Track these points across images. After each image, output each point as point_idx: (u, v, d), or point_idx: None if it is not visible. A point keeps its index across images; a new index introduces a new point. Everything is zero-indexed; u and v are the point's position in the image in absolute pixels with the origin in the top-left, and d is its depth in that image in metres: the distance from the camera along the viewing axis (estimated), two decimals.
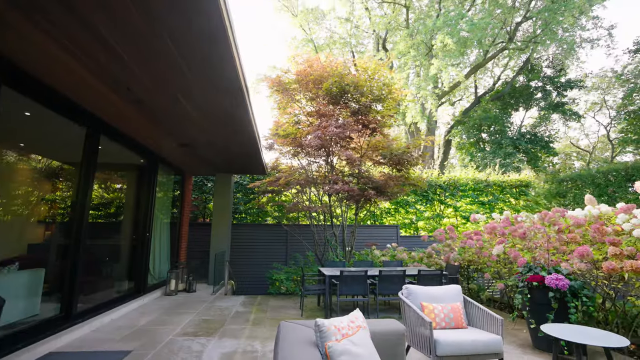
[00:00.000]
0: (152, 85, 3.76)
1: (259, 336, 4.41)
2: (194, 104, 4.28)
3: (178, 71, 3.41)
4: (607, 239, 4.12)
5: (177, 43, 2.91)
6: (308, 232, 9.23)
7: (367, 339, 2.01)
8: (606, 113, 27.89)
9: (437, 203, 12.32)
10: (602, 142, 29.98)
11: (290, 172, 8.50)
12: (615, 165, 17.50)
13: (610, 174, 16.61)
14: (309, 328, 2.36)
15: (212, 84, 3.73)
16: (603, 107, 27.84)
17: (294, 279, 7.86)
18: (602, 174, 16.76)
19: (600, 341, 2.76)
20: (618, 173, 16.36)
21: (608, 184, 16.52)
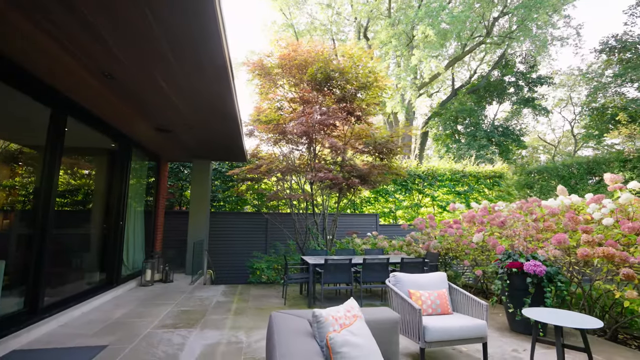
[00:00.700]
0: (128, 62, 3.45)
1: (242, 326, 4.30)
2: (174, 84, 4.00)
3: (157, 45, 3.13)
4: (580, 227, 4.33)
5: (156, 14, 2.65)
6: (289, 221, 9.13)
7: (365, 328, 1.97)
8: (571, 109, 29.47)
9: (415, 192, 12.57)
10: (567, 136, 31.70)
11: (272, 159, 8.32)
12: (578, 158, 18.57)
13: (573, 167, 17.63)
14: (302, 319, 2.28)
15: (195, 62, 3.48)
16: (569, 103, 29.36)
17: (275, 268, 7.77)
18: (566, 167, 17.76)
19: (577, 323, 2.89)
20: (580, 166, 17.38)
21: (571, 176, 17.55)
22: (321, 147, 7.72)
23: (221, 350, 3.47)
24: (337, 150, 6.64)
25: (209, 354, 3.36)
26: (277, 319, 2.22)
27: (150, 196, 7.82)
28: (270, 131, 7.73)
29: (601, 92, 17.91)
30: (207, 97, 4.43)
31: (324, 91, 7.06)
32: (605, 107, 17.70)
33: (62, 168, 4.40)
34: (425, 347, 2.96)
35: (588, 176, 17.03)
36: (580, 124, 28.30)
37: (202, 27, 2.83)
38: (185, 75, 3.77)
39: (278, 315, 2.30)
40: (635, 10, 16.85)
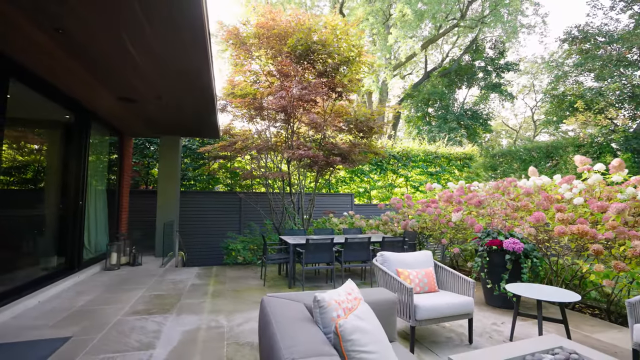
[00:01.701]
0: (88, 15, 2.94)
1: (222, 310, 4.10)
2: (142, 46, 3.51)
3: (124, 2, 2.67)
4: (555, 206, 4.51)
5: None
6: (264, 200, 8.87)
7: (370, 311, 1.85)
8: (533, 96, 31.02)
9: (390, 173, 12.70)
10: (527, 122, 33.49)
11: (246, 136, 7.91)
12: (538, 143, 19.69)
13: (533, 151, 18.71)
14: (298, 303, 2.12)
15: (169, 21, 3.03)
16: (531, 91, 30.84)
17: (251, 249, 7.55)
18: (527, 151, 18.80)
19: (558, 297, 3.00)
20: (540, 150, 18.47)
21: (532, 159, 18.63)
22: (299, 124, 7.42)
23: (202, 336, 3.27)
24: (318, 126, 6.39)
25: (189, 341, 3.15)
26: (271, 304, 2.04)
27: (113, 174, 7.18)
28: (246, 106, 7.28)
29: (562, 80, 18.84)
30: (181, 64, 3.97)
31: (304, 65, 6.70)
32: (565, 95, 18.71)
33: (5, 142, 3.81)
34: (415, 325, 2.94)
35: (546, 159, 18.18)
36: (540, 110, 29.96)
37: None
38: (156, 36, 3.31)
39: (272, 300, 2.12)
40: (597, 3, 17.64)
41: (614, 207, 3.98)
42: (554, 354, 2.38)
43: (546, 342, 2.53)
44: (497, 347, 2.41)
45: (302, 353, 1.39)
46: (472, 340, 3.20)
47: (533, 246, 4.26)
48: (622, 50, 16.47)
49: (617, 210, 3.95)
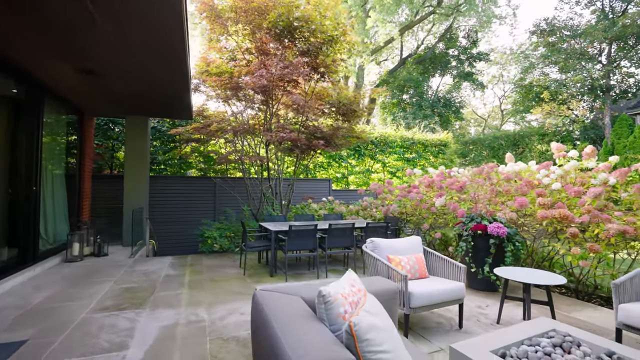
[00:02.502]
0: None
1: (202, 302, 3.84)
2: (105, 8, 3.02)
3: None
4: (536, 191, 4.60)
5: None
6: (240, 186, 8.52)
7: (379, 305, 1.70)
8: (501, 86, 32.19)
9: (367, 158, 12.68)
10: (495, 111, 34.82)
11: (222, 118, 7.44)
12: (506, 132, 20.56)
13: (502, 139, 19.49)
14: (295, 296, 1.93)
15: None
16: (500, 81, 31.95)
17: (228, 236, 7.24)
18: (496, 139, 19.55)
19: (545, 280, 3.05)
20: (508, 138, 19.28)
21: (500, 147, 19.42)
22: (279, 105, 7.06)
23: (181, 332, 3.01)
24: (300, 108, 6.09)
25: (167, 338, 2.88)
26: (265, 299, 1.84)
27: (73, 157, 6.50)
28: (221, 86, 6.80)
29: (530, 71, 19.58)
30: (151, 32, 3.52)
31: (284, 42, 6.30)
32: (532, 86, 19.52)
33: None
34: (410, 312, 2.87)
35: (513, 147, 19.04)
36: (507, 100, 31.22)
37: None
38: (128, 5, 2.85)
39: (265, 295, 1.91)
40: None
41: (592, 191, 4.11)
42: (550, 337, 2.39)
43: (539, 325, 2.54)
44: (494, 333, 2.37)
45: (314, 358, 1.20)
46: (462, 325, 3.20)
47: (515, 230, 4.34)
48: (584, 45, 17.32)
49: (594, 194, 4.08)
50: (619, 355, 2.07)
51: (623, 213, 4.26)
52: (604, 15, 16.78)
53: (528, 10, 42.88)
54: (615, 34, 15.40)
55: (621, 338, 2.71)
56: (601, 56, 16.81)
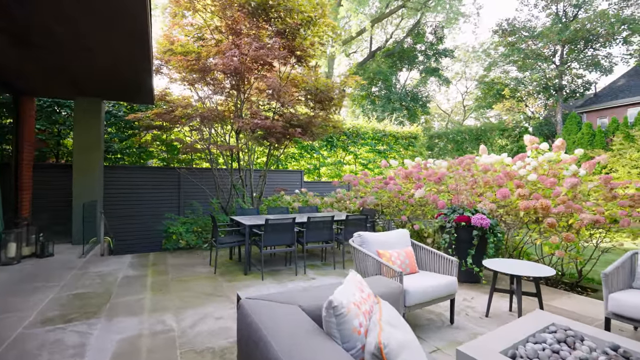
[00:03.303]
0: None
1: (168, 307, 3.39)
2: None
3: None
4: (515, 182, 4.64)
5: None
6: (208, 177, 7.93)
7: (397, 313, 1.44)
8: (464, 83, 33.54)
9: (339, 149, 12.52)
10: (457, 107, 36.28)
11: (187, 104, 6.80)
12: (469, 127, 21.44)
13: (465, 133, 20.31)
14: (291, 306, 1.62)
15: None
16: (462, 77, 33.25)
17: (195, 231, 6.70)
18: (460, 133, 20.34)
19: (534, 272, 3.00)
20: (471, 132, 20.11)
21: (463, 141, 20.23)
22: (252, 91, 6.57)
23: (145, 345, 2.58)
24: (276, 93, 5.66)
25: (128, 353, 2.45)
26: (256, 311, 1.51)
27: (7, 144, 5.58)
28: (186, 68, 6.17)
29: (492, 68, 20.45)
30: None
31: (258, 22, 5.81)
32: (494, 83, 20.44)
33: None
34: (405, 312, 2.68)
35: (476, 141, 19.90)
36: (469, 96, 32.65)
37: None
38: None
39: (255, 306, 1.58)
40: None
41: (569, 181, 4.20)
42: (551, 331, 2.31)
43: (537, 319, 2.46)
44: (497, 332, 2.25)
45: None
46: (454, 320, 3.08)
47: (496, 221, 4.34)
48: (541, 46, 18.38)
49: (571, 185, 4.17)
50: (624, 349, 2.02)
51: (593, 203, 4.42)
52: (558, 18, 17.87)
53: (490, 11, 45.09)
54: (568, 37, 16.47)
55: (610, 327, 2.73)
56: (555, 57, 17.94)
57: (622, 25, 15.40)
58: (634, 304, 2.54)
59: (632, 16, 15.77)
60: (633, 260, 3.01)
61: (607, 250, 4.55)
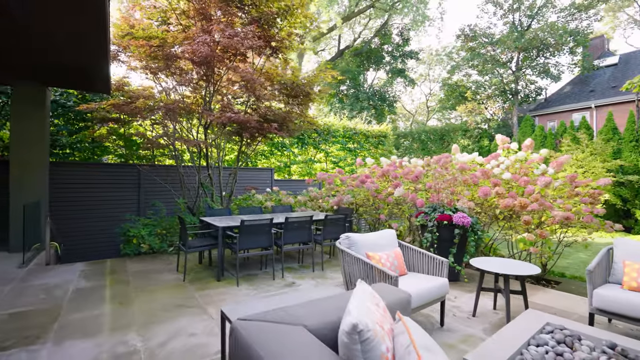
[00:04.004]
0: None
1: (132, 323, 2.97)
2: None
3: None
4: (492, 181, 4.72)
5: None
6: (173, 175, 7.35)
7: (426, 333, 1.25)
8: (428, 85, 34.84)
9: (310, 147, 12.32)
10: (421, 108, 37.61)
11: (148, 95, 6.20)
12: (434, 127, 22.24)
13: (430, 133, 21.04)
14: (293, 327, 1.37)
15: None
16: (426, 79, 34.51)
17: (160, 234, 6.14)
18: (425, 133, 21.03)
19: (520, 271, 3.01)
20: (436, 133, 20.87)
21: (429, 140, 20.94)
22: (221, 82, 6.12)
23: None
24: (250, 86, 5.29)
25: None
26: (254, 336, 1.25)
27: None
28: (149, 55, 5.60)
29: (456, 71, 21.33)
30: None
31: (231, 8, 5.39)
32: (458, 85, 21.34)
33: None
34: None
35: (440, 141, 20.69)
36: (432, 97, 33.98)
37: None
38: None
39: (251, 329, 1.32)
40: (485, 7, 20.26)
41: (543, 180, 4.33)
42: (548, 332, 2.28)
43: (531, 320, 2.44)
44: (497, 337, 2.19)
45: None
46: (444, 322, 3.00)
47: (476, 219, 4.37)
48: (499, 52, 19.47)
49: (545, 183, 4.31)
50: (622, 347, 2.02)
51: (563, 201, 4.62)
52: (514, 27, 19.03)
53: (453, 16, 47.42)
54: (523, 45, 17.60)
55: (593, 322, 2.79)
56: (511, 63, 19.10)
57: (569, 37, 16.75)
58: (617, 299, 2.61)
59: (576, 29, 17.21)
60: (609, 255, 3.13)
61: (568, 245, 4.80)
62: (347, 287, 3.04)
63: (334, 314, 1.47)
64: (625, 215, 11.61)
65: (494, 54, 19.34)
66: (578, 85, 18.52)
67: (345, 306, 1.54)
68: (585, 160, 10.97)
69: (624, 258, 2.97)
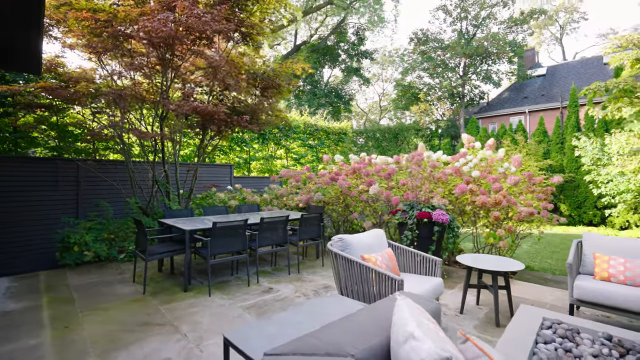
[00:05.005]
0: None
1: (86, 353, 2.43)
2: None
3: None
4: (465, 179, 4.87)
5: None
6: (120, 172, 6.49)
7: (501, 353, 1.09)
8: (381, 85, 36.02)
9: (271, 143, 11.92)
10: (374, 107, 38.79)
11: (89, 78, 5.34)
12: (388, 126, 23.02)
13: (385, 131, 21.74)
14: (343, 358, 1.13)
15: None
16: (379, 79, 35.65)
17: (107, 239, 5.35)
18: (380, 131, 21.67)
19: (506, 267, 3.08)
20: (390, 132, 21.60)
21: (383, 139, 21.59)
22: (182, 68, 5.48)
23: None
24: (220, 74, 4.77)
25: None
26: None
27: None
28: (92, 32, 4.79)
29: (410, 73, 22.25)
30: None
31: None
32: (411, 87, 22.28)
33: None
34: None
35: (394, 140, 21.46)
36: (385, 97, 35.21)
37: None
38: None
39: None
40: (436, 13, 21.39)
41: (512, 178, 4.56)
42: (547, 327, 2.32)
43: (528, 316, 2.47)
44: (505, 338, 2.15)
45: None
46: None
47: (453, 217, 4.46)
48: (448, 57, 20.72)
49: (514, 182, 4.54)
50: (619, 338, 2.11)
51: (525, 197, 4.93)
52: (461, 35, 20.40)
53: (406, 19, 49.94)
54: (469, 52, 18.94)
55: (573, 312, 2.95)
56: (459, 68, 20.45)
57: (508, 47, 18.41)
58: (596, 290, 2.77)
59: (514, 41, 18.99)
60: (579, 248, 3.35)
61: (522, 238, 5.16)
62: (342, 292, 2.84)
63: (377, 335, 1.26)
64: (553, 209, 13.11)
65: (443, 58, 20.54)
66: (514, 91, 20.49)
67: (385, 324, 1.33)
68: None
69: (593, 250, 3.19)
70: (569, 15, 31.03)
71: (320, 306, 2.00)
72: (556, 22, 31.79)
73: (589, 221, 11.45)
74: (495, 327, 2.97)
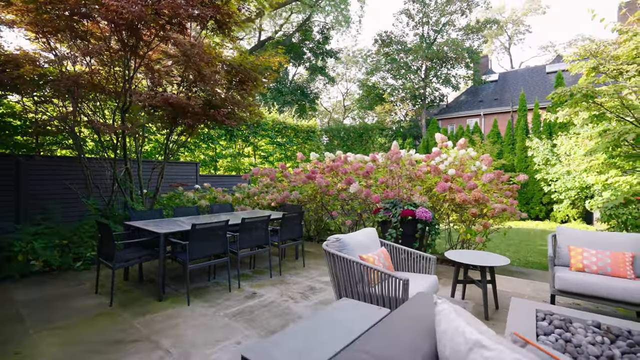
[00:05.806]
0: None
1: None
2: None
3: None
4: (443, 177, 4.99)
5: None
6: (73, 169, 5.81)
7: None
8: (345, 84, 36.45)
9: (239, 140, 11.49)
10: (338, 106, 39.18)
11: (33, 61, 4.67)
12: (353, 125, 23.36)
13: (351, 130, 22.02)
14: None
15: None
16: (343, 79, 36.08)
17: (60, 245, 4.72)
18: (345, 130, 21.92)
19: (493, 262, 3.18)
20: (356, 131, 21.94)
21: (348, 137, 21.87)
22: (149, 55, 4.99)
23: None
24: (192, 62, 4.39)
25: None
26: None
27: None
28: (39, 8, 4.18)
29: (374, 73, 22.73)
30: None
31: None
32: (375, 87, 22.79)
33: None
34: None
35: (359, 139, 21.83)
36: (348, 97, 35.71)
37: None
38: None
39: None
40: (399, 17, 22.06)
41: (487, 176, 4.77)
42: (541, 319, 2.40)
43: (523, 309, 2.54)
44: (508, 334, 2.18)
45: None
46: None
47: (433, 214, 4.55)
48: (411, 59, 21.50)
49: (489, 179, 4.75)
50: (608, 325, 2.23)
51: (497, 195, 5.19)
52: (423, 39, 21.26)
53: (371, 20, 51.00)
54: (430, 56, 19.81)
55: (554, 301, 3.12)
56: (421, 71, 21.31)
57: (465, 53, 19.54)
58: (576, 280, 2.95)
59: (471, 47, 20.20)
60: (553, 241, 3.56)
61: (491, 232, 5.44)
62: (339, 294, 2.73)
63: (424, 344, 1.16)
64: None
65: (406, 60, 21.26)
66: (471, 95, 21.82)
67: (428, 330, 1.24)
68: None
69: (567, 243, 3.41)
70: (516, 27, 33.81)
71: (335, 313, 1.87)
72: (505, 33, 34.48)
73: (535, 216, 12.48)
74: (485, 320, 3.04)
